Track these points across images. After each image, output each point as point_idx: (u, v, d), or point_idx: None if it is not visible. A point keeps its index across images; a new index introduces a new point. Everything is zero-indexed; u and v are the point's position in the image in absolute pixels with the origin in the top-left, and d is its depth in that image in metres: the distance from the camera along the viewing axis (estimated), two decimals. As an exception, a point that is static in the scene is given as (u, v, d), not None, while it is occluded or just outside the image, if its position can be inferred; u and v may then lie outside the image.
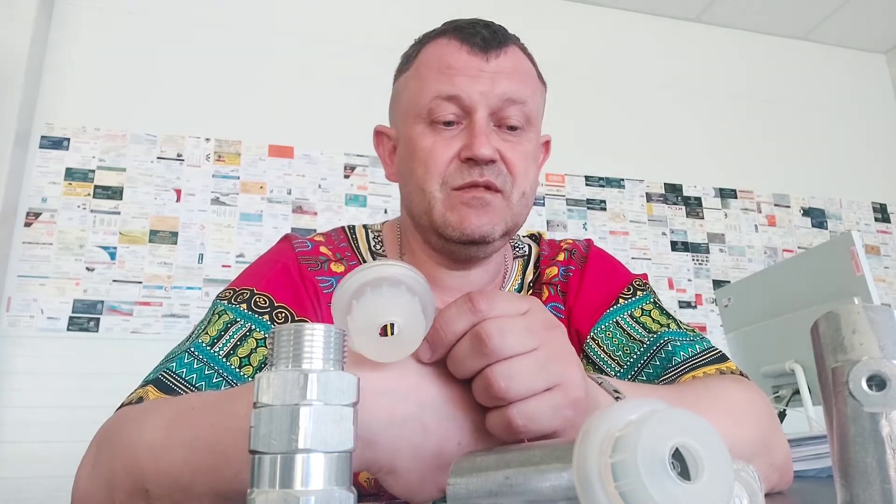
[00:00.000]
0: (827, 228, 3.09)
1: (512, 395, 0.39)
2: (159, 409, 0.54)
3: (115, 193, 2.31)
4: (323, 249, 0.80)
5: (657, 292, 0.84)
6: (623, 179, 2.88)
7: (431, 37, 0.78)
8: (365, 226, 0.86)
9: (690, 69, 3.13)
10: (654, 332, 0.75)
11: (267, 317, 0.70)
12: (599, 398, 0.47)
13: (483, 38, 0.74)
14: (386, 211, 2.53)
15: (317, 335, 0.31)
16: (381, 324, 0.40)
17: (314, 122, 2.54)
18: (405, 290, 0.41)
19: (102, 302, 2.20)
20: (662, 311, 0.79)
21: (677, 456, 0.29)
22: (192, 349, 0.66)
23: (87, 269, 2.22)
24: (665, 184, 2.94)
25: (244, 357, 0.67)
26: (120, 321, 2.19)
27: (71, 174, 2.28)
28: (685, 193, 2.95)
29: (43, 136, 2.29)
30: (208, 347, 0.66)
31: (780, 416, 1.47)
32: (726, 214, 2.97)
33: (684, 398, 0.59)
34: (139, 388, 0.63)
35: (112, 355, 2.12)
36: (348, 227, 0.86)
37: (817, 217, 3.10)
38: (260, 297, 0.71)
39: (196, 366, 0.65)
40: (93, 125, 2.34)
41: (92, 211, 2.27)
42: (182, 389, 0.63)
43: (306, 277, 0.75)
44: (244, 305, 0.70)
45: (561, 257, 0.86)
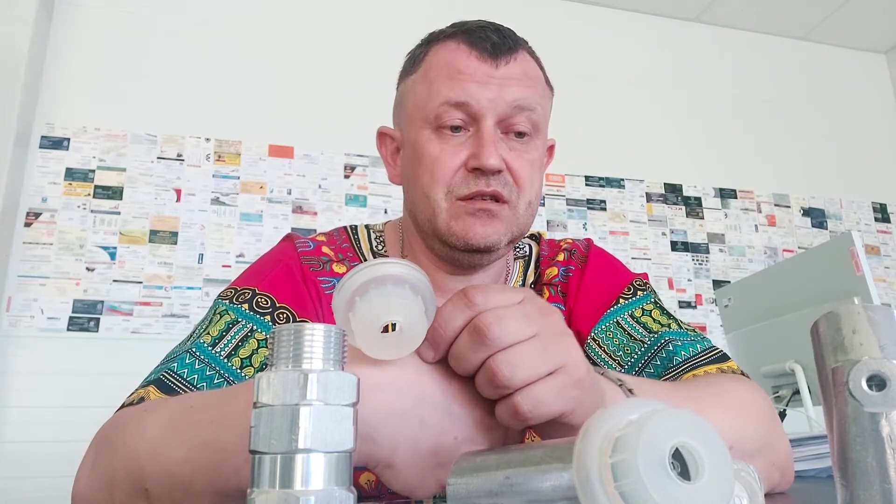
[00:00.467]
0: (827, 228, 3.09)
1: (516, 382, 0.40)
2: (159, 408, 0.54)
3: (115, 193, 2.31)
4: (325, 249, 0.80)
5: (657, 292, 0.84)
6: (623, 179, 2.88)
7: (440, 39, 0.76)
8: (367, 226, 0.86)
9: (690, 69, 3.13)
10: (655, 332, 0.75)
11: (268, 317, 0.70)
12: (602, 383, 0.48)
13: (493, 43, 0.73)
14: (386, 211, 2.53)
15: (317, 335, 0.31)
16: (384, 323, 0.40)
17: (314, 122, 2.54)
18: (409, 289, 0.42)
19: (102, 302, 2.20)
20: (663, 310, 0.79)
21: (677, 456, 0.29)
22: (194, 349, 0.66)
23: (88, 269, 2.22)
24: (665, 184, 2.94)
25: (245, 358, 0.66)
26: (120, 321, 2.19)
27: (71, 174, 2.28)
28: (685, 193, 2.95)
29: (43, 136, 2.29)
30: (210, 348, 0.66)
31: (780, 416, 1.47)
32: (726, 214, 2.97)
33: (687, 393, 0.59)
34: (140, 389, 0.63)
35: (112, 355, 2.12)
36: (350, 227, 0.86)
37: (817, 217, 3.10)
38: (262, 298, 0.71)
39: (197, 366, 0.64)
40: (93, 125, 2.34)
41: (92, 211, 2.27)
42: (183, 390, 0.63)
43: (308, 278, 0.75)
44: (246, 305, 0.70)
45: (561, 257, 0.86)
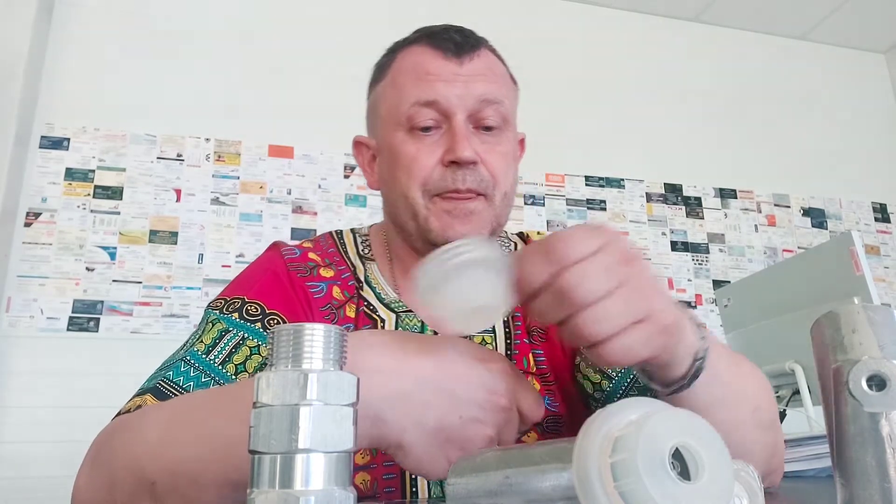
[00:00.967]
0: (827, 228, 3.09)
1: (602, 337, 0.42)
2: (159, 409, 0.55)
3: (115, 193, 2.31)
4: (311, 255, 0.81)
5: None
6: (623, 179, 2.88)
7: (404, 45, 0.80)
8: (353, 230, 0.88)
9: (690, 69, 3.13)
10: None
11: (259, 324, 0.70)
12: (686, 326, 0.49)
13: (455, 42, 0.75)
14: (386, 211, 2.53)
15: (317, 335, 0.31)
16: (474, 307, 0.44)
17: (314, 122, 2.54)
18: (495, 272, 0.44)
19: (102, 302, 2.20)
20: None
21: (677, 456, 0.29)
22: (188, 357, 0.67)
23: (87, 269, 2.22)
24: (665, 184, 2.93)
25: (239, 364, 0.67)
26: (120, 321, 2.19)
27: (71, 174, 2.28)
28: (685, 193, 2.95)
29: (43, 136, 2.29)
30: (204, 356, 0.67)
31: (780, 416, 1.47)
32: (726, 214, 2.97)
33: (731, 356, 0.62)
34: (136, 397, 0.63)
35: (112, 355, 2.12)
36: (335, 232, 0.87)
37: (817, 217, 3.09)
38: (251, 305, 0.72)
39: (193, 374, 0.65)
40: (93, 125, 2.34)
41: (92, 211, 2.27)
42: (178, 396, 0.63)
43: (296, 283, 0.76)
44: (236, 314, 0.71)
45: None
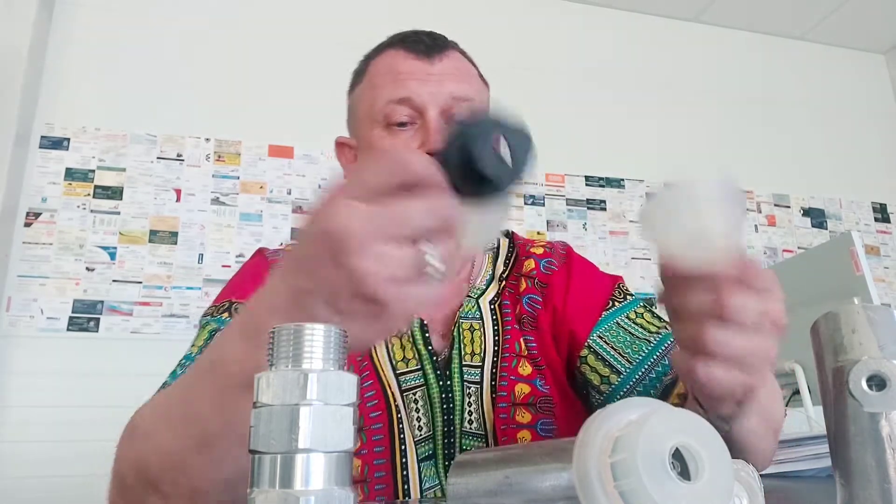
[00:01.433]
0: (827, 228, 3.09)
1: (713, 357, 0.45)
2: (151, 405, 0.59)
3: (115, 193, 2.31)
4: None
5: (657, 292, 0.87)
6: (623, 179, 2.88)
7: (379, 51, 0.85)
8: None
9: (690, 69, 3.13)
10: (655, 332, 0.78)
11: None
12: None
13: (426, 44, 0.80)
14: (386, 211, 2.53)
15: (317, 335, 0.31)
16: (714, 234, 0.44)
17: (314, 122, 2.53)
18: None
19: (102, 302, 2.20)
20: (653, 313, 0.83)
21: (677, 456, 0.29)
22: (185, 363, 0.72)
23: (87, 269, 2.22)
24: (665, 184, 2.93)
25: None
26: (120, 321, 2.19)
27: (71, 174, 2.28)
28: (685, 193, 2.94)
29: (43, 136, 2.29)
30: (197, 356, 0.71)
31: (780, 416, 1.47)
32: (726, 214, 2.97)
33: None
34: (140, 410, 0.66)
35: (112, 355, 2.12)
36: None
37: (817, 217, 3.09)
38: (239, 306, 0.76)
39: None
40: (93, 125, 2.34)
41: (92, 211, 2.27)
42: None
43: None
44: (226, 314, 0.75)
45: (538, 251, 0.89)
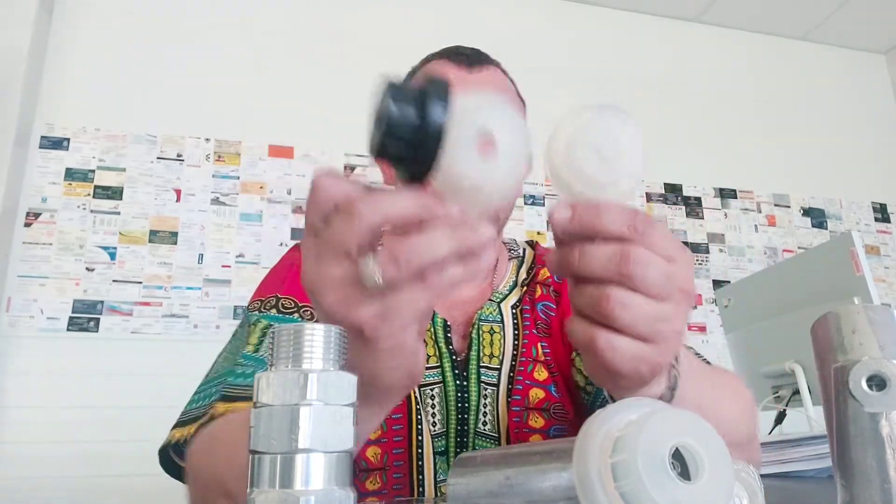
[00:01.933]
0: (827, 228, 3.09)
1: (625, 328, 0.39)
2: (226, 423, 0.61)
3: (115, 193, 2.31)
4: None
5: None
6: (623, 179, 2.88)
7: (428, 60, 0.89)
8: None
9: (690, 69, 3.13)
10: None
11: (296, 315, 0.77)
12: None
13: (468, 56, 0.85)
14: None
15: (317, 335, 0.31)
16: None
17: (314, 122, 2.54)
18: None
19: (102, 302, 2.20)
20: None
21: (677, 456, 0.29)
22: (242, 360, 0.72)
23: (87, 269, 2.22)
24: (665, 184, 2.93)
25: None
26: (120, 321, 2.19)
27: (71, 174, 2.28)
28: (685, 193, 2.95)
29: (43, 136, 2.29)
30: (255, 353, 0.72)
31: (780, 417, 1.47)
32: (726, 214, 2.97)
33: (713, 378, 0.62)
34: (199, 406, 0.70)
35: (112, 355, 2.12)
36: None
37: (817, 217, 3.09)
38: (285, 300, 0.78)
39: (250, 371, 0.71)
40: (93, 125, 2.34)
41: (92, 211, 2.27)
42: (249, 394, 0.68)
43: None
44: (274, 310, 0.77)
45: None
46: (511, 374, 0.78)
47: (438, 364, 0.78)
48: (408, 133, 0.37)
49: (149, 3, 2.52)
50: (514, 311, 0.84)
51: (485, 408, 0.77)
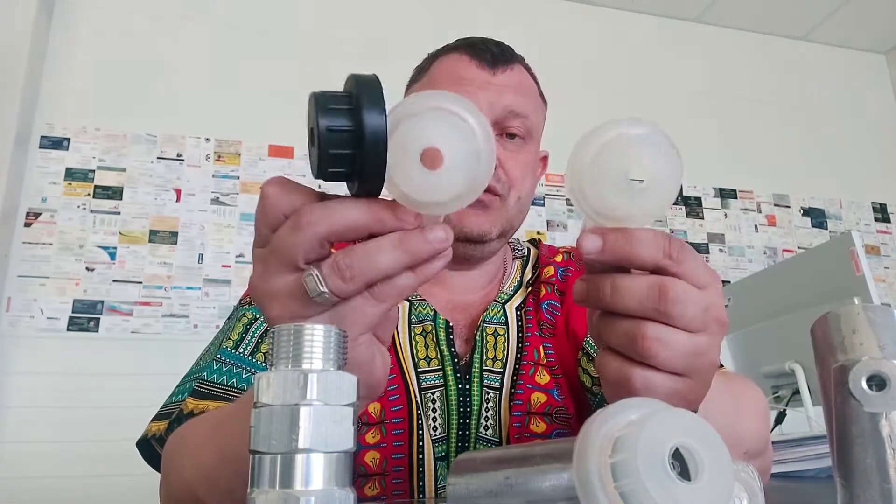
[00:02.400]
0: (827, 228, 3.09)
1: (659, 364, 0.37)
2: (197, 424, 0.60)
3: (115, 193, 2.31)
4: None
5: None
6: (623, 179, 2.88)
7: (444, 52, 0.83)
8: None
9: (690, 69, 3.13)
10: None
11: None
12: None
13: (492, 54, 0.79)
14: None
15: (317, 335, 0.31)
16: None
17: (314, 122, 2.54)
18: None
19: (102, 302, 2.20)
20: None
21: (677, 456, 0.29)
22: (220, 356, 0.72)
23: (87, 269, 2.22)
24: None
25: (266, 352, 0.71)
26: (120, 321, 2.19)
27: (71, 174, 2.28)
28: (685, 193, 2.95)
29: (43, 136, 2.29)
30: (233, 350, 0.72)
31: (780, 417, 1.47)
32: (726, 214, 2.97)
33: (732, 390, 0.60)
34: (176, 401, 0.69)
35: (112, 355, 2.12)
36: None
37: (817, 217, 3.09)
38: None
39: (225, 369, 0.70)
40: (93, 125, 2.34)
41: (92, 211, 2.27)
42: (217, 392, 0.67)
43: None
44: None
45: (559, 258, 0.90)
46: (514, 377, 0.77)
47: (440, 367, 0.77)
48: (345, 146, 0.34)
49: (149, 3, 2.52)
50: (518, 312, 0.83)
51: (487, 412, 0.76)
